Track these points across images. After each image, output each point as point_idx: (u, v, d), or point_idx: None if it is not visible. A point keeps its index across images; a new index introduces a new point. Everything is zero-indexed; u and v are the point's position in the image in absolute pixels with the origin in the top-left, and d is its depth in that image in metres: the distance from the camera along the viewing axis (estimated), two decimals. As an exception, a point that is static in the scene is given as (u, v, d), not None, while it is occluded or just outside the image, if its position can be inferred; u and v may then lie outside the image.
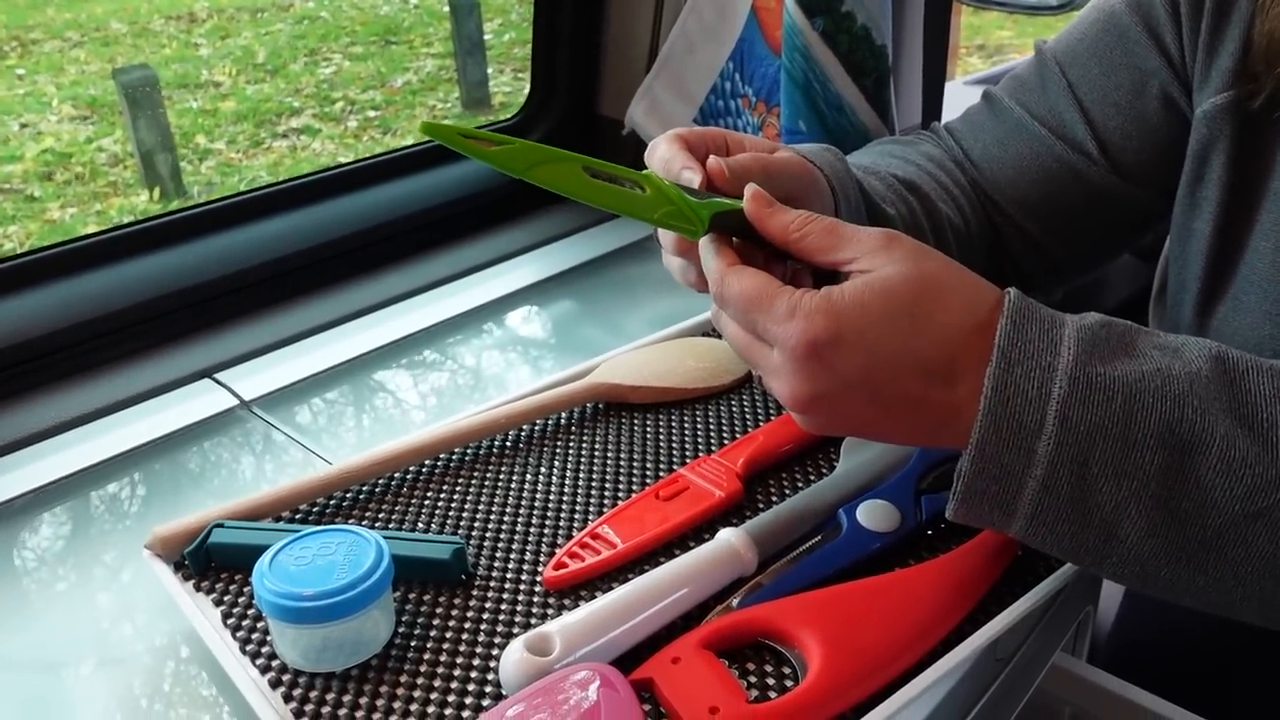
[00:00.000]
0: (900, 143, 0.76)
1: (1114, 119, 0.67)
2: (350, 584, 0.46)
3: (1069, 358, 0.42)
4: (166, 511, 0.63)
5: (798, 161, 0.56)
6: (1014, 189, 0.71)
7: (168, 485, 0.66)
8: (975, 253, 0.74)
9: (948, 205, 0.70)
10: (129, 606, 0.56)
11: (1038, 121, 0.70)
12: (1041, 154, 0.70)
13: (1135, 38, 0.65)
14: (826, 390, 0.43)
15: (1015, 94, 0.72)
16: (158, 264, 0.82)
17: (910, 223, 0.67)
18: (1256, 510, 0.42)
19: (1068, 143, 0.68)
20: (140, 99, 3.53)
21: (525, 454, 0.62)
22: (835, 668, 0.45)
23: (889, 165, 0.70)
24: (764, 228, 0.48)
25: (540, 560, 0.54)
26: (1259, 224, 0.59)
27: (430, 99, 4.30)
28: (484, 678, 0.47)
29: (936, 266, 0.45)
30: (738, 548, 0.52)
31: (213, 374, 0.77)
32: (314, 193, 0.91)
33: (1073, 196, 0.69)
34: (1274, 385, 0.43)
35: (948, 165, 0.73)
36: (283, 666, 0.48)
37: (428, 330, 0.83)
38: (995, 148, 0.72)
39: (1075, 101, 0.68)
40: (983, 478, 0.42)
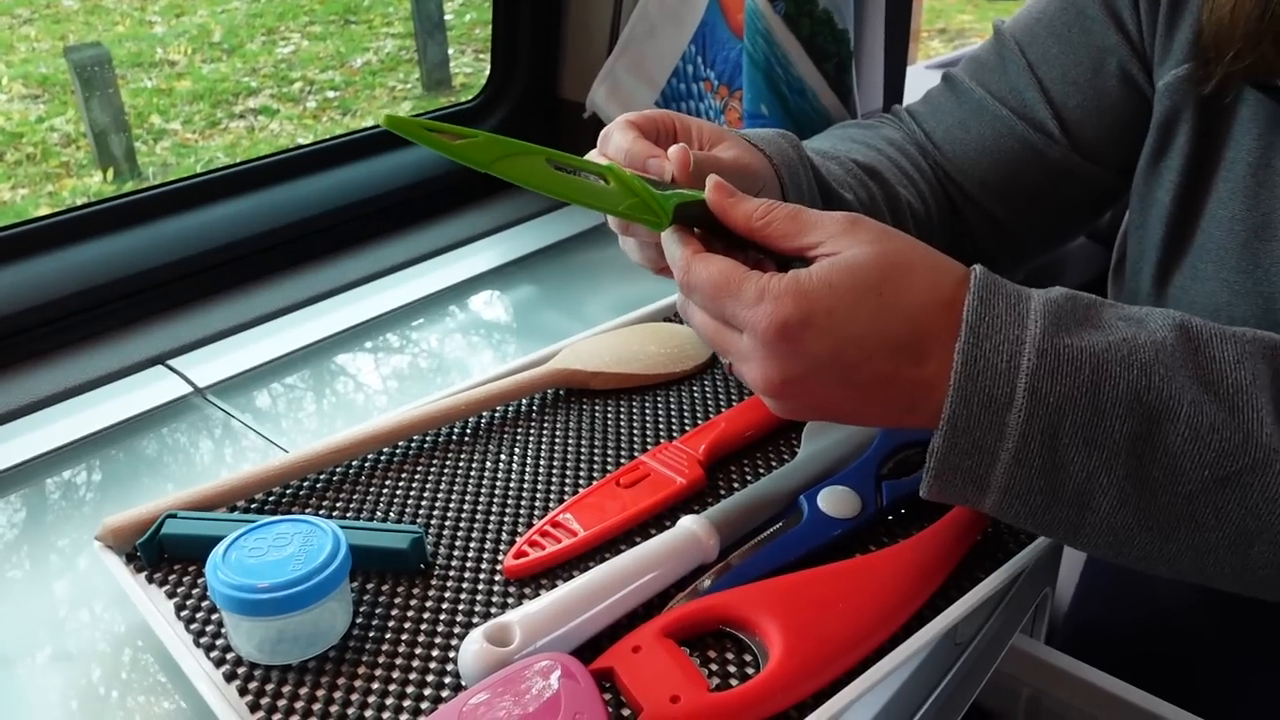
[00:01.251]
0: (861, 126, 0.76)
1: (1073, 97, 0.67)
2: (306, 575, 0.46)
3: (1036, 330, 0.42)
4: (119, 501, 0.62)
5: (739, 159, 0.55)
6: (976, 169, 0.72)
7: (121, 474, 0.65)
8: (935, 236, 0.74)
9: (907, 190, 0.70)
10: (81, 598, 0.55)
11: (998, 101, 0.70)
12: (1003, 134, 0.70)
13: (1093, 15, 0.66)
14: (798, 373, 0.43)
15: (975, 75, 0.72)
16: (109, 248, 0.80)
17: (869, 208, 0.67)
18: (1225, 475, 0.42)
19: (1029, 122, 0.69)
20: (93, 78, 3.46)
21: (485, 441, 0.62)
22: (796, 655, 0.45)
23: (848, 150, 0.70)
24: (727, 217, 0.48)
25: (500, 549, 0.54)
26: (1216, 192, 0.60)
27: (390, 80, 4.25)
28: (443, 668, 0.47)
29: (901, 246, 0.45)
30: (699, 535, 0.51)
31: (166, 360, 0.75)
32: (270, 176, 0.89)
33: (1034, 176, 0.70)
34: (1237, 351, 0.44)
35: (908, 149, 0.73)
36: (238, 659, 0.47)
37: (387, 315, 0.82)
38: (957, 129, 0.72)
39: (1035, 80, 0.68)
40: (955, 453, 0.43)
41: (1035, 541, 0.52)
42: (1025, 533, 0.53)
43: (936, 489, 0.44)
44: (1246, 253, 0.58)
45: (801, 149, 0.62)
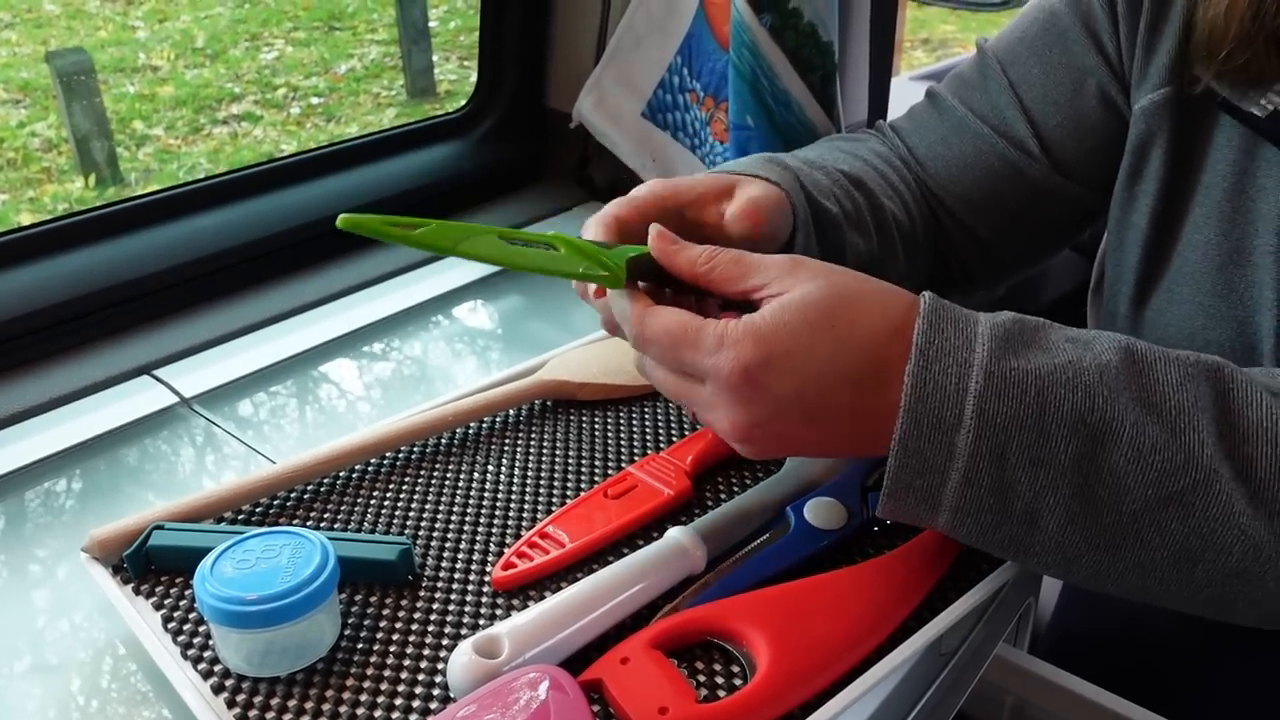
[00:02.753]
0: (847, 139, 0.76)
1: (1053, 117, 0.68)
2: (295, 587, 0.46)
3: (984, 353, 0.43)
4: (105, 512, 0.62)
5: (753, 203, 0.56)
6: (958, 186, 0.72)
7: (107, 484, 0.65)
8: (920, 250, 0.75)
9: (893, 202, 0.71)
10: (67, 609, 0.55)
11: (980, 119, 0.71)
12: (984, 151, 0.71)
13: (1074, 37, 0.66)
14: (765, 415, 0.44)
15: (958, 92, 0.72)
16: (95, 257, 0.80)
17: (855, 219, 0.68)
18: (1168, 495, 0.43)
19: (1009, 140, 0.69)
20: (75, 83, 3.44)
21: (473, 452, 0.62)
22: (783, 666, 0.45)
23: (835, 160, 0.70)
24: (671, 264, 0.49)
25: (488, 560, 0.54)
26: (1191, 217, 0.61)
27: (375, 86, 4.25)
28: (431, 680, 0.47)
29: (847, 279, 0.46)
30: (686, 546, 0.52)
31: (152, 370, 0.75)
32: (256, 185, 0.89)
33: (1015, 193, 0.71)
34: (1180, 373, 0.45)
35: (894, 162, 0.74)
36: (225, 671, 0.47)
37: (373, 325, 0.82)
38: (939, 145, 0.73)
39: (1016, 99, 0.69)
40: (907, 472, 0.43)
41: (1019, 552, 0.53)
42: (1009, 543, 0.54)
43: (891, 508, 0.45)
44: (1221, 277, 0.59)
45: (789, 166, 0.62)
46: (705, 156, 0.96)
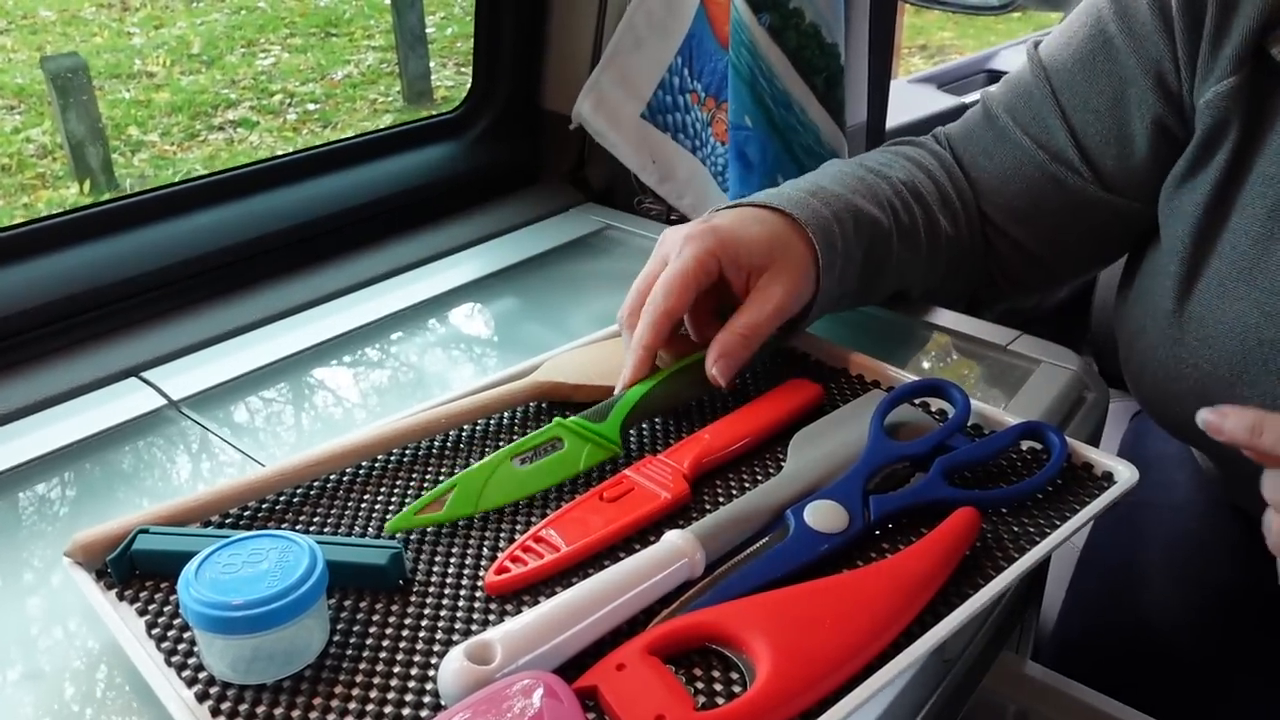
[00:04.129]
0: (909, 144, 0.77)
1: (1093, 125, 0.68)
2: (282, 592, 0.44)
3: None
4: (90, 516, 0.61)
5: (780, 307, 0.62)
6: (1000, 197, 0.72)
7: (92, 488, 0.64)
8: (969, 262, 0.74)
9: (946, 217, 0.71)
10: (50, 616, 0.54)
11: (1021, 130, 0.70)
12: (1024, 163, 0.70)
13: (1120, 45, 0.66)
14: None
15: (1005, 101, 0.73)
16: (82, 257, 0.79)
17: (908, 230, 0.69)
18: None
19: (1049, 152, 0.69)
20: (69, 88, 3.44)
21: (465, 454, 0.61)
22: (784, 673, 0.44)
23: (897, 170, 0.71)
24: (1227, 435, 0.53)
25: (481, 564, 0.52)
26: (1250, 208, 0.60)
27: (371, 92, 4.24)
28: (422, 687, 0.45)
29: None
30: (684, 550, 0.50)
31: (140, 373, 0.74)
32: (247, 185, 0.88)
33: (1057, 206, 0.70)
34: None
35: (955, 173, 0.74)
36: (210, 679, 0.45)
37: (366, 328, 0.81)
38: (982, 157, 0.73)
39: (1058, 108, 0.69)
40: None
41: (1024, 557, 0.52)
42: (1013, 549, 0.53)
43: None
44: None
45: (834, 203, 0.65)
46: (706, 158, 0.95)
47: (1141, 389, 0.70)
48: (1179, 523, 0.85)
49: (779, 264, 0.62)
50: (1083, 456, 0.59)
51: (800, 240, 0.63)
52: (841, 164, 0.71)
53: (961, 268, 0.75)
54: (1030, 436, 0.60)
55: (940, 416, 0.64)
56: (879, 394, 0.65)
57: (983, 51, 1.74)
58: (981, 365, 0.74)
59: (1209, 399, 0.63)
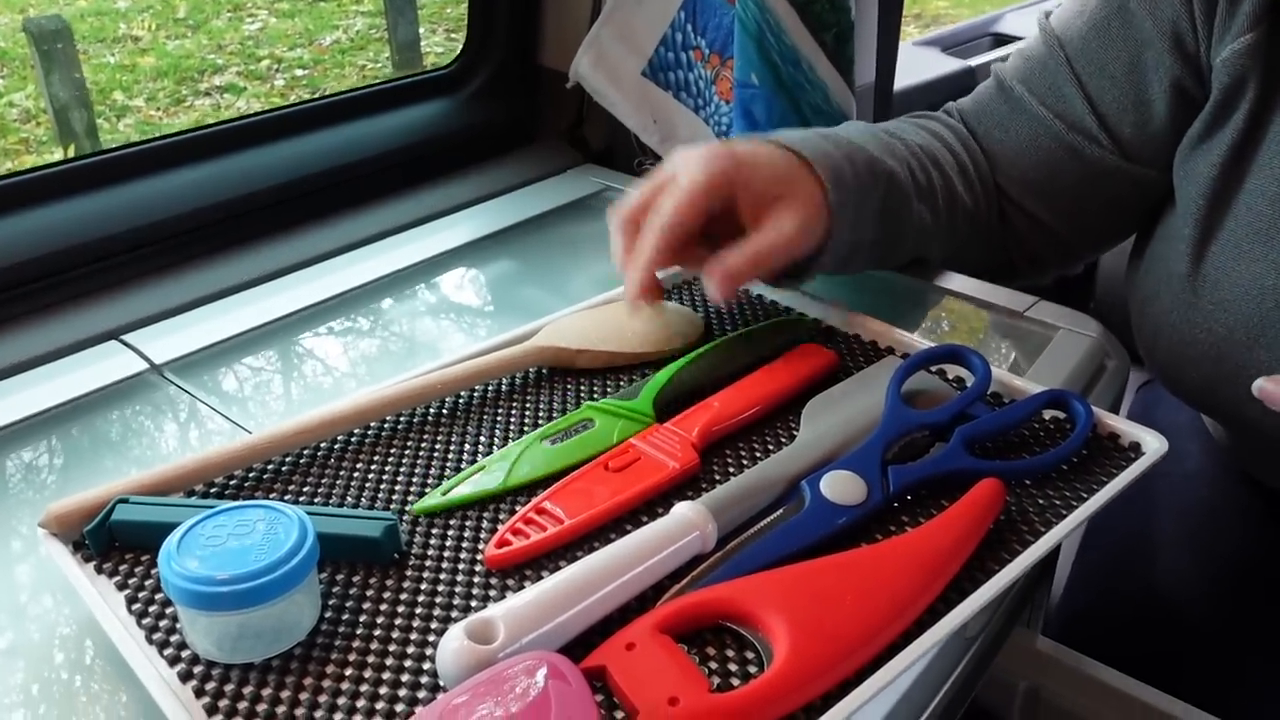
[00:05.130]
0: (922, 117, 0.75)
1: (1110, 92, 0.66)
2: (270, 566, 0.41)
3: None
4: (67, 484, 0.58)
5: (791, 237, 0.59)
6: (1016, 170, 0.71)
7: (70, 456, 0.61)
8: (985, 237, 0.73)
9: (963, 186, 0.70)
10: (23, 589, 0.51)
11: (1037, 100, 0.69)
12: (1041, 134, 0.69)
13: (1135, 8, 0.65)
14: None
15: (1018, 72, 0.72)
16: (59, 214, 0.75)
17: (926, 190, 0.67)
18: None
19: (1066, 121, 0.68)
20: (53, 52, 3.37)
21: (463, 422, 0.58)
22: (804, 653, 0.41)
23: (913, 135, 0.70)
24: None
25: (481, 537, 0.50)
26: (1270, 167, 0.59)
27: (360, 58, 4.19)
28: (420, 667, 0.43)
29: None
30: (695, 522, 0.48)
31: (120, 335, 0.70)
32: (233, 141, 0.84)
33: (1074, 177, 0.69)
34: None
35: (970, 145, 0.73)
36: (194, 657, 0.43)
37: (357, 291, 0.78)
38: (997, 130, 0.72)
39: (1073, 76, 0.67)
40: None
41: (1051, 531, 0.49)
42: (1039, 523, 0.50)
43: None
44: None
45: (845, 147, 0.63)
46: (710, 117, 0.92)
47: (1155, 356, 0.68)
48: (1190, 492, 0.83)
49: (791, 196, 0.59)
50: (1108, 426, 0.57)
51: (811, 178, 0.60)
52: (856, 125, 0.69)
53: (978, 241, 0.73)
54: (1054, 405, 0.58)
55: (958, 384, 0.61)
56: (894, 360, 0.63)
57: (987, 14, 1.71)
58: (998, 332, 0.71)
59: (1224, 363, 0.61)
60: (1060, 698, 0.73)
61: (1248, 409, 0.60)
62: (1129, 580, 0.83)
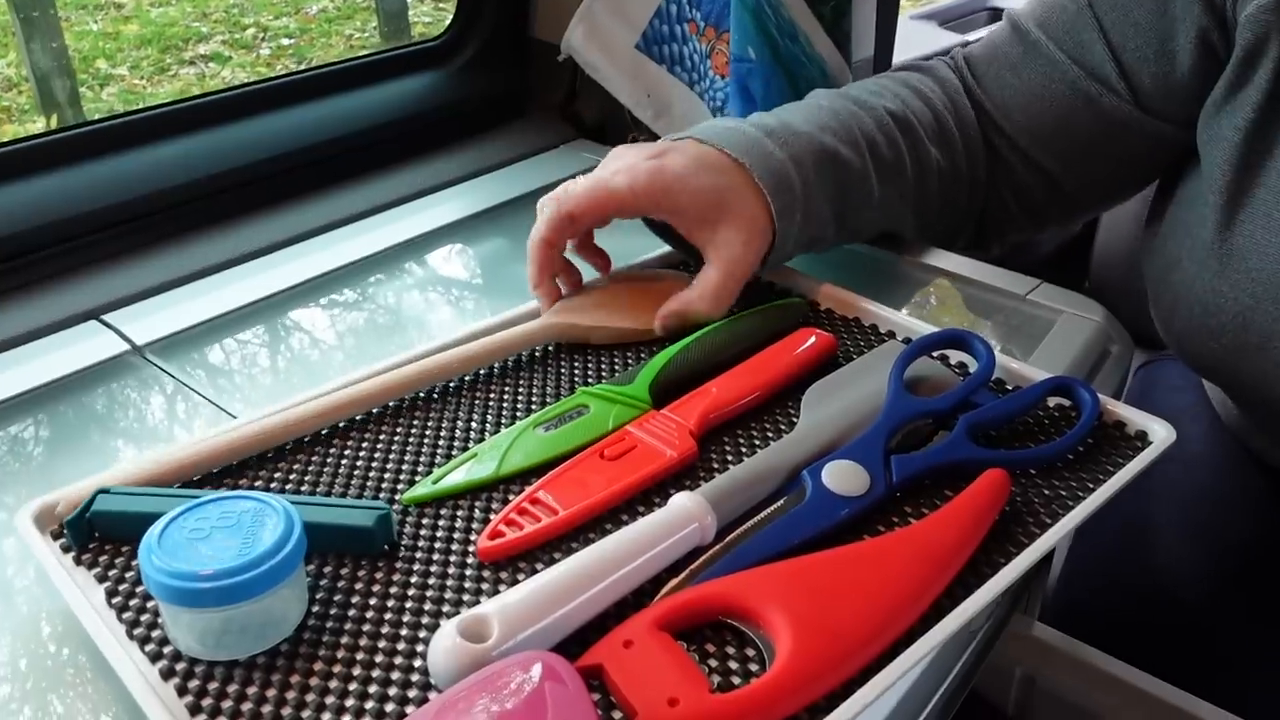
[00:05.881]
0: (913, 69, 0.73)
1: (1133, 39, 0.64)
2: (255, 560, 0.40)
3: None
4: (46, 469, 0.56)
5: None
6: (1024, 117, 0.69)
7: (48, 440, 0.59)
8: (964, 196, 0.72)
9: (939, 148, 0.68)
10: (2, 579, 0.49)
11: (1054, 44, 0.67)
12: (1055, 80, 0.67)
13: None
14: None
15: (1036, 15, 0.70)
16: (36, 190, 0.73)
17: (891, 168, 0.66)
18: None
19: (1084, 67, 0.66)
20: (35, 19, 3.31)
21: (454, 406, 0.56)
22: (807, 651, 0.40)
23: (886, 100, 0.68)
24: None
25: (473, 528, 0.48)
26: None
27: (347, 27, 4.13)
28: (410, 664, 0.41)
29: None
30: (694, 513, 0.47)
31: (100, 315, 0.69)
32: (216, 114, 0.82)
33: (1087, 126, 0.67)
34: None
35: (957, 98, 0.71)
36: (176, 654, 0.41)
37: (343, 270, 0.76)
38: (1009, 73, 0.69)
39: (1095, 21, 0.65)
40: None
41: (1058, 524, 0.48)
42: (1045, 514, 0.49)
43: None
44: None
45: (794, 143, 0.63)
46: (705, 92, 0.90)
47: (1172, 326, 0.66)
48: (1192, 477, 0.82)
49: (731, 216, 0.60)
50: (1114, 414, 0.56)
51: (752, 189, 0.60)
52: (824, 95, 0.68)
53: (957, 202, 0.72)
54: (1059, 392, 0.56)
55: (959, 369, 0.60)
56: (896, 345, 0.61)
57: (984, -13, 1.69)
58: (999, 316, 0.70)
59: (1250, 334, 0.59)
60: (1057, 685, 0.72)
61: (1272, 381, 0.59)
62: (1127, 566, 0.82)
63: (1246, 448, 0.81)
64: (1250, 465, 0.80)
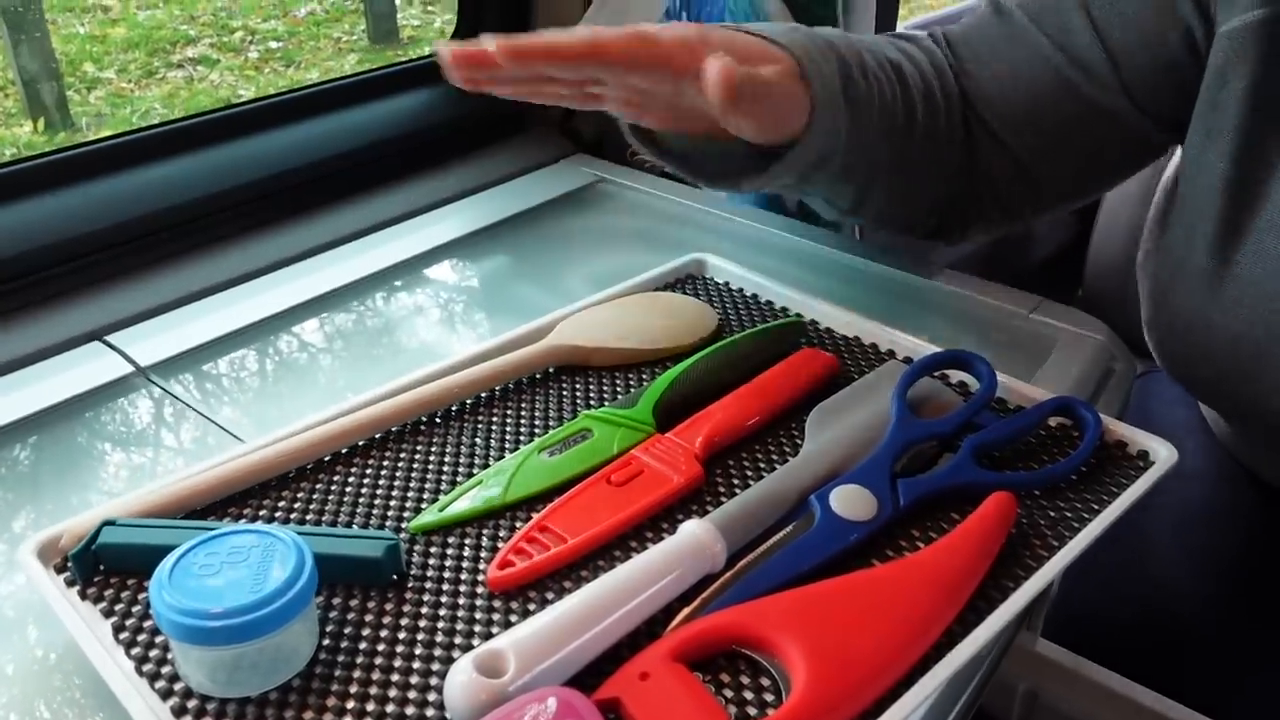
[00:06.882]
0: (907, 37, 0.71)
1: (1119, 30, 0.63)
2: (267, 598, 0.40)
3: None
4: (49, 496, 0.56)
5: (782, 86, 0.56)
6: (1001, 102, 0.67)
7: (50, 465, 0.58)
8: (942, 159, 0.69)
9: (924, 108, 0.66)
10: (2, 613, 0.49)
11: (1038, 28, 0.65)
12: (1036, 64, 0.65)
13: None
14: None
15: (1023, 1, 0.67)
16: (37, 210, 0.72)
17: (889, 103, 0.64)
18: None
19: (1067, 54, 0.64)
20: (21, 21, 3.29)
21: (457, 431, 0.56)
22: (824, 680, 0.40)
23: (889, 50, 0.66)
24: None
25: (481, 556, 0.48)
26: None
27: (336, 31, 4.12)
28: (424, 698, 0.41)
29: None
30: (705, 541, 0.47)
31: (103, 336, 0.68)
32: (215, 133, 0.81)
33: (1066, 114, 0.65)
34: None
35: (945, 72, 0.69)
36: (187, 691, 0.41)
37: (344, 289, 0.75)
38: (988, 54, 0.67)
39: (1083, 6, 0.64)
40: None
41: (1066, 547, 0.48)
42: (1052, 537, 0.49)
43: None
44: None
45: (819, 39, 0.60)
46: (703, 107, 0.90)
47: (1165, 348, 0.66)
48: (1188, 492, 0.83)
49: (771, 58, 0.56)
50: (1115, 434, 0.56)
51: (790, 60, 0.57)
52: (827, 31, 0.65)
53: (933, 168, 0.69)
54: (1061, 413, 0.57)
55: (960, 388, 0.60)
56: (897, 365, 0.61)
57: None
58: (1000, 334, 0.70)
59: (1243, 360, 0.59)
60: (1059, 700, 0.72)
61: (1263, 407, 0.59)
62: (1127, 581, 0.82)
63: (1240, 463, 0.81)
64: (1244, 480, 0.80)
